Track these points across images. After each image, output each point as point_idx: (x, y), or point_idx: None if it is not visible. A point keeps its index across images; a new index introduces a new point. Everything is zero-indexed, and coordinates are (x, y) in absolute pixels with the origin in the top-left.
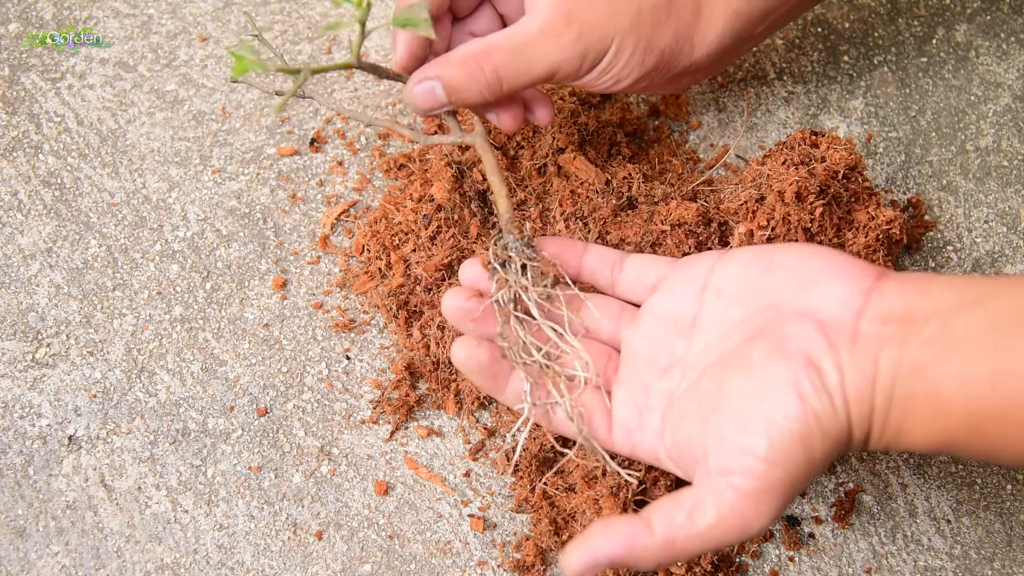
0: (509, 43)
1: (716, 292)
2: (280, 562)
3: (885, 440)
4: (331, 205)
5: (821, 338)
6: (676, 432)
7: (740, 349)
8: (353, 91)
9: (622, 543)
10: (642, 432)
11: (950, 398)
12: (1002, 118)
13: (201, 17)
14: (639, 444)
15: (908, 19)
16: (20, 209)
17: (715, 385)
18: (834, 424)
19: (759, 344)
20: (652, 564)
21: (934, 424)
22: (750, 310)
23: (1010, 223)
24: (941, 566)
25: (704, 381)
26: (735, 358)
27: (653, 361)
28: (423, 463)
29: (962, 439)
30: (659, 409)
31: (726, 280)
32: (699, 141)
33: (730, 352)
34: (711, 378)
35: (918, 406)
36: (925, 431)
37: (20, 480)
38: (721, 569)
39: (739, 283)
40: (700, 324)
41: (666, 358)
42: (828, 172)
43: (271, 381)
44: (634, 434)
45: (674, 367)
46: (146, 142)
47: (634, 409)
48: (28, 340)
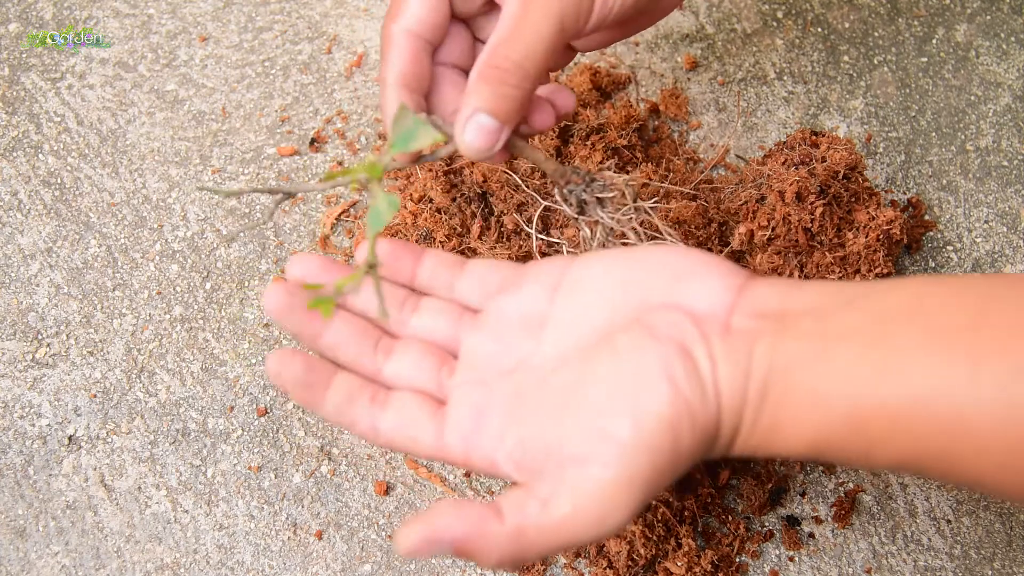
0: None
1: (571, 291)
2: (280, 562)
3: (755, 439)
4: (331, 205)
5: (693, 327)
6: (523, 429)
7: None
8: (353, 91)
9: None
10: (478, 436)
11: (829, 394)
12: (1002, 118)
13: (201, 17)
14: (474, 448)
15: (908, 19)
16: (20, 209)
17: (574, 375)
18: (704, 414)
19: (626, 332)
20: (496, 556)
21: (810, 419)
22: (613, 306)
23: (1010, 223)
24: (941, 566)
25: (560, 374)
26: (598, 347)
27: (496, 363)
28: (423, 463)
29: (839, 439)
30: (501, 410)
31: (583, 279)
32: (699, 141)
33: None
34: (569, 370)
35: (794, 400)
36: (800, 427)
37: (20, 480)
38: (721, 569)
39: (599, 281)
40: (552, 323)
41: (511, 359)
42: (828, 172)
43: (271, 381)
44: (470, 438)
45: (520, 368)
46: (146, 142)
47: (471, 411)
48: (28, 340)
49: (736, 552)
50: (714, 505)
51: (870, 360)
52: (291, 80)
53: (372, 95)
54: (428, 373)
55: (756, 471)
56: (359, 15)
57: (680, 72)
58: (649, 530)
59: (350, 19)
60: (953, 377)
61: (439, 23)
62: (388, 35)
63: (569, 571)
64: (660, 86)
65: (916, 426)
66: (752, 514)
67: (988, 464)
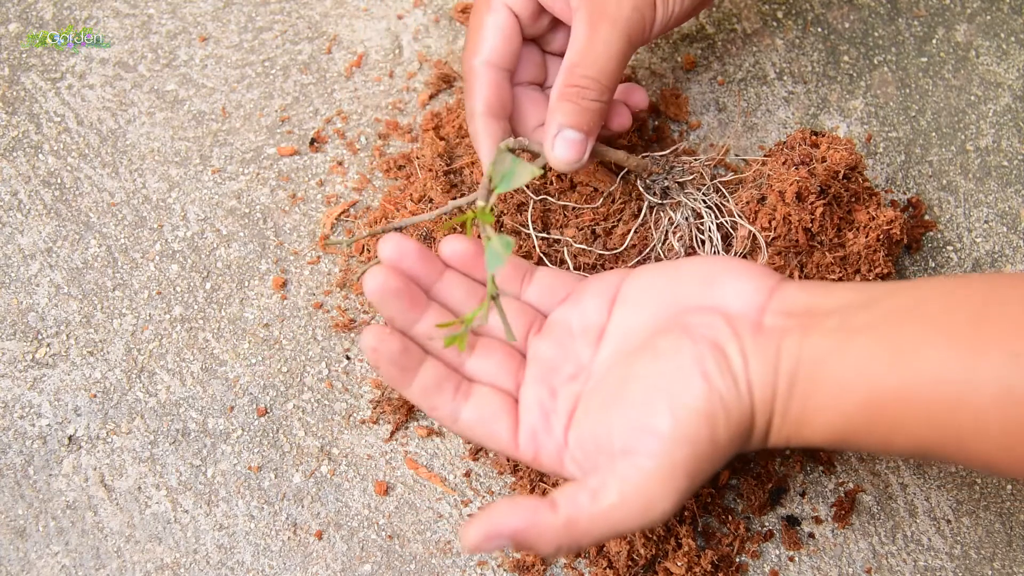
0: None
1: (623, 302)
2: (280, 562)
3: (786, 430)
4: (331, 205)
5: (726, 327)
6: (581, 429)
7: (647, 341)
8: (353, 91)
9: (524, 518)
10: (547, 435)
11: (850, 382)
12: (1002, 118)
13: (201, 17)
14: (542, 448)
15: (908, 19)
16: (20, 209)
17: (621, 376)
18: (738, 407)
19: (665, 334)
20: (553, 545)
21: (835, 409)
22: (656, 313)
23: (1010, 223)
24: (941, 566)
25: (610, 376)
26: (641, 349)
27: (559, 369)
28: (423, 463)
29: (861, 425)
30: (565, 412)
31: (634, 291)
32: (699, 141)
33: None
34: (617, 372)
35: (819, 391)
36: (826, 417)
37: (20, 480)
38: (721, 569)
39: (646, 291)
40: (607, 333)
41: (572, 366)
42: (828, 172)
43: (271, 381)
44: (539, 436)
45: (580, 373)
46: (146, 142)
47: (540, 412)
48: (28, 340)
49: (736, 552)
50: (714, 505)
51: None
52: (291, 80)
53: (372, 95)
54: (507, 373)
55: (756, 471)
56: (359, 15)
57: (680, 72)
58: (649, 530)
59: (350, 19)
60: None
61: (513, 51)
62: (469, 68)
63: (569, 571)
64: (660, 86)
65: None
66: (752, 514)
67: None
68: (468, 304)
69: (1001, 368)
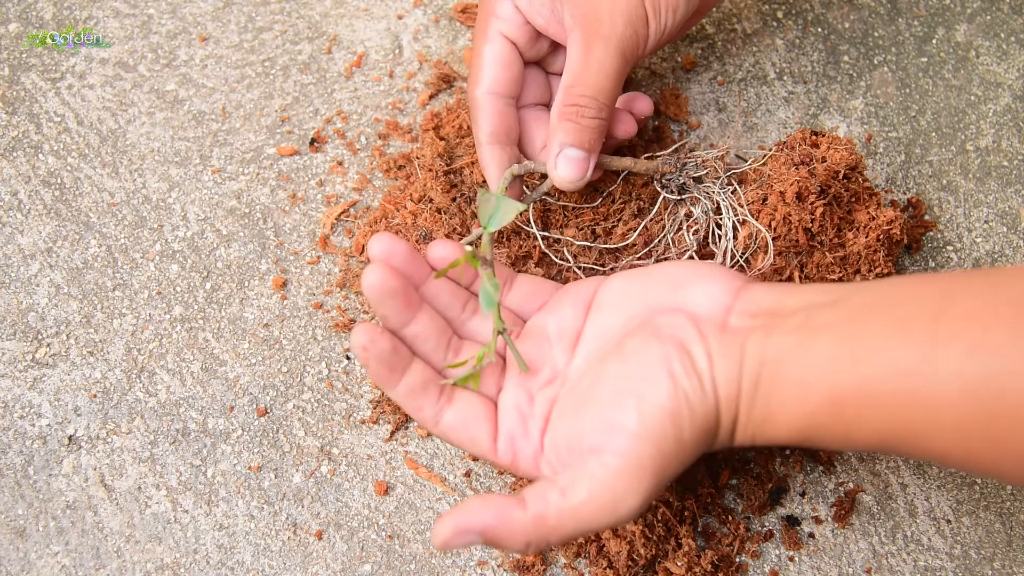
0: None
1: (598, 307)
2: (280, 562)
3: (751, 428)
4: (331, 205)
5: (692, 327)
6: (554, 432)
7: (617, 343)
8: (353, 91)
9: (494, 514)
10: (525, 440)
11: (813, 380)
12: (1002, 118)
13: (201, 17)
14: (520, 453)
15: (908, 19)
16: (20, 209)
17: (592, 378)
18: (703, 406)
19: (634, 335)
20: (522, 541)
21: (798, 407)
22: (628, 316)
23: (1010, 223)
24: (941, 566)
25: (583, 379)
26: (612, 351)
27: (537, 374)
28: (423, 463)
29: (824, 421)
30: (541, 416)
31: (608, 295)
32: (699, 141)
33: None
34: (589, 374)
35: (782, 389)
36: (789, 415)
37: (20, 480)
38: (721, 569)
39: (619, 296)
40: (583, 338)
41: (549, 371)
42: (828, 172)
43: (271, 381)
44: (517, 441)
45: (556, 378)
46: (146, 142)
47: (519, 417)
48: (28, 340)
49: (736, 552)
50: (714, 505)
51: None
52: (291, 80)
53: (372, 95)
54: (489, 379)
55: (756, 471)
56: (359, 15)
57: (680, 72)
58: (649, 530)
59: (350, 19)
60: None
61: (514, 77)
62: (473, 99)
63: (569, 571)
64: (660, 86)
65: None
66: (752, 514)
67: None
68: (453, 307)
69: (957, 362)
